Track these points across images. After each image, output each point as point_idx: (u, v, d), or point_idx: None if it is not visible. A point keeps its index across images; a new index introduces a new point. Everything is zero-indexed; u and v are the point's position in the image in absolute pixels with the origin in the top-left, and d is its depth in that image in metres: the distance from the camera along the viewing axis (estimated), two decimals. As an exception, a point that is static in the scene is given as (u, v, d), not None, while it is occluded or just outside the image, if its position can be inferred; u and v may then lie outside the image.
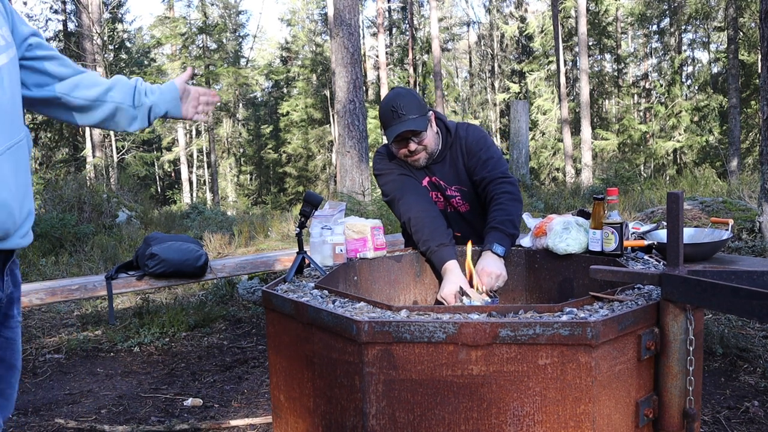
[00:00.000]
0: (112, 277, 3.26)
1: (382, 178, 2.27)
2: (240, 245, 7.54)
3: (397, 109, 2.07)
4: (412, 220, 2.10)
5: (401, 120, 2.07)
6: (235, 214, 13.57)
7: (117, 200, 9.45)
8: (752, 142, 19.95)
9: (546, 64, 24.29)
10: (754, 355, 2.98)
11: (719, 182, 9.32)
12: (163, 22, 25.43)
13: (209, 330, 4.21)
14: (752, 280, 1.18)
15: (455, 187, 2.25)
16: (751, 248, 4.77)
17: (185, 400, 2.94)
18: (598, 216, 1.84)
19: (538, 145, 23.42)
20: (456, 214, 2.29)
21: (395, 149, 2.18)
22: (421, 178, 2.25)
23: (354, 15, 9.61)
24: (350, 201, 8.07)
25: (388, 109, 2.09)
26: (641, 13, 21.46)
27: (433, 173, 2.25)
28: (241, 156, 30.66)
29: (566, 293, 1.93)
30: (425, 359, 1.17)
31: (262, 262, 3.87)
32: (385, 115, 2.11)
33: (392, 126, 2.09)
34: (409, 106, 2.08)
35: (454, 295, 1.90)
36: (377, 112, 2.19)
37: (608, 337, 1.14)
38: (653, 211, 6.21)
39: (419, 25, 27.62)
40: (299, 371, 1.41)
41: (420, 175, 2.26)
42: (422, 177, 2.26)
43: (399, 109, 2.07)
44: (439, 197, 2.28)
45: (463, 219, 2.29)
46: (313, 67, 27.76)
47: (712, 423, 2.40)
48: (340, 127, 9.82)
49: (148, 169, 25.11)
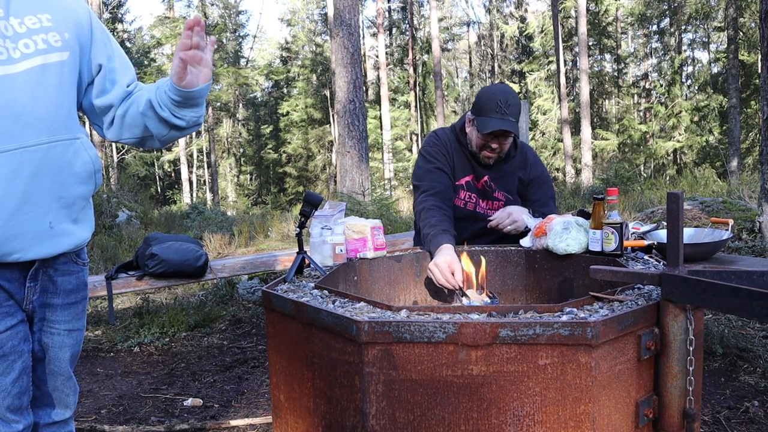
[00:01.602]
0: (112, 277, 3.26)
1: (423, 162, 2.28)
2: (240, 245, 7.54)
3: (504, 105, 2.08)
4: (425, 211, 2.11)
5: (506, 117, 2.09)
6: (235, 214, 13.57)
7: (117, 200, 9.46)
8: (752, 142, 19.94)
9: (546, 64, 24.29)
10: (754, 355, 2.98)
11: (719, 182, 9.32)
12: (163, 22, 25.43)
13: (209, 330, 4.21)
14: (752, 280, 1.18)
15: (503, 194, 2.29)
16: (751, 248, 4.77)
17: (185, 400, 2.94)
18: (598, 216, 1.84)
19: (538, 145, 23.42)
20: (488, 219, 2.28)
21: (478, 139, 2.17)
22: (463, 175, 2.26)
23: (354, 15, 9.61)
24: (350, 201, 8.07)
25: (496, 101, 2.09)
26: (641, 13, 21.45)
27: (484, 174, 2.27)
28: (241, 156, 30.66)
29: (566, 293, 1.93)
30: (425, 359, 1.17)
31: (262, 262, 3.87)
32: (490, 104, 2.10)
33: (494, 119, 2.09)
34: (515, 108, 2.11)
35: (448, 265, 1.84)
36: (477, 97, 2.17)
37: (608, 337, 1.14)
38: (653, 211, 6.21)
39: (419, 25, 27.62)
40: (299, 371, 1.41)
41: (465, 170, 2.26)
42: (466, 174, 2.26)
43: (507, 106, 2.09)
44: (472, 198, 2.28)
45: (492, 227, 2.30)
46: (313, 67, 27.75)
47: (712, 423, 2.40)
48: (340, 127, 9.82)
49: (148, 169, 25.13)
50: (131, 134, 1.41)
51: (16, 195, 1.18)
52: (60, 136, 1.24)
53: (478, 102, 2.17)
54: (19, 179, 1.18)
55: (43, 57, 1.23)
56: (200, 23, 1.28)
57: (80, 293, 1.41)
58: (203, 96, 1.36)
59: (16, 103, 1.18)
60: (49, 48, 1.24)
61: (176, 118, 1.35)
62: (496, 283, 2.09)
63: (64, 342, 1.39)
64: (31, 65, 1.21)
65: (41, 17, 1.26)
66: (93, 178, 1.33)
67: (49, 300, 1.34)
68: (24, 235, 1.22)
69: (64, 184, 1.26)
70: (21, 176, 1.18)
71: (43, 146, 1.21)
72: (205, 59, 1.31)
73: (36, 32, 1.24)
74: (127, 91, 1.40)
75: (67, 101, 1.28)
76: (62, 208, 1.27)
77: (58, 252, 1.29)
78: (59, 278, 1.35)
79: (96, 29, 1.37)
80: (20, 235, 1.21)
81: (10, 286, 1.27)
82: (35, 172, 1.20)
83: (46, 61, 1.23)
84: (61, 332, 1.38)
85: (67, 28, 1.29)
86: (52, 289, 1.34)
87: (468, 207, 2.27)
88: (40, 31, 1.24)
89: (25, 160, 1.19)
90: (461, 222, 2.26)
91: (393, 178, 20.96)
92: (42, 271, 1.31)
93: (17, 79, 1.19)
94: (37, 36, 1.24)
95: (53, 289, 1.34)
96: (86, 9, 1.37)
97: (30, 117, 1.20)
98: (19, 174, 1.18)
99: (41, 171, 1.21)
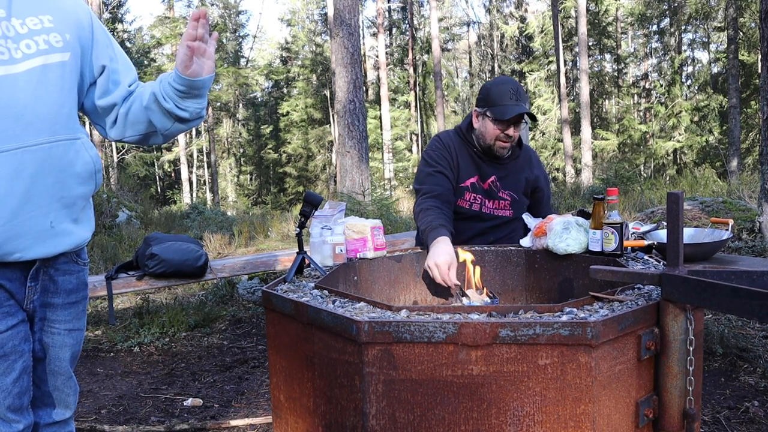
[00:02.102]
0: (112, 277, 3.26)
1: (424, 165, 2.29)
2: (240, 245, 7.54)
3: (516, 93, 2.13)
4: (423, 211, 2.12)
5: (519, 102, 2.13)
6: (235, 214, 13.57)
7: (117, 200, 9.46)
8: (752, 142, 19.93)
9: (546, 64, 24.28)
10: (754, 355, 2.98)
11: (719, 182, 9.32)
12: (163, 22, 25.42)
13: (209, 330, 4.21)
14: (752, 280, 1.19)
15: (508, 192, 2.30)
16: (751, 248, 4.77)
17: (185, 400, 2.95)
18: (598, 216, 1.84)
19: (538, 145, 23.42)
20: (493, 218, 2.30)
21: (494, 129, 2.18)
22: (469, 176, 2.27)
23: (354, 15, 9.61)
24: (350, 201, 8.07)
25: (507, 89, 2.13)
26: (641, 13, 21.45)
27: (490, 174, 2.28)
28: (241, 156, 30.66)
29: (566, 293, 1.93)
30: (425, 359, 1.17)
31: (262, 262, 3.87)
32: (502, 93, 2.14)
33: (509, 105, 2.12)
34: (525, 95, 2.17)
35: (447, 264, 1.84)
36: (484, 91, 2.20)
37: (608, 337, 1.14)
38: (653, 211, 6.22)
39: (419, 25, 27.61)
40: (299, 371, 1.41)
41: (470, 171, 2.27)
42: (471, 175, 2.27)
43: (518, 93, 2.13)
44: (477, 198, 2.29)
45: (499, 225, 2.31)
46: (313, 67, 27.75)
47: (712, 423, 2.40)
48: (340, 127, 9.82)
49: (148, 169, 25.12)
50: (135, 131, 1.42)
51: (18, 195, 1.19)
52: (61, 136, 1.25)
53: (486, 94, 2.19)
54: (21, 179, 1.19)
55: (44, 57, 1.24)
56: (206, 15, 1.30)
57: (80, 293, 1.42)
58: (206, 87, 1.38)
59: (17, 102, 1.18)
60: (51, 48, 1.25)
61: (180, 109, 1.37)
62: (496, 283, 2.09)
63: (64, 342, 1.39)
64: (33, 65, 1.22)
65: (42, 18, 1.27)
66: (93, 178, 1.34)
67: (49, 300, 1.35)
68: (25, 234, 1.22)
69: (65, 184, 1.26)
70: (22, 176, 1.19)
71: (45, 146, 1.21)
72: (209, 51, 1.34)
73: (37, 33, 1.25)
74: (129, 91, 1.42)
75: (68, 101, 1.29)
76: (63, 208, 1.27)
77: (59, 251, 1.30)
78: (60, 278, 1.35)
79: (97, 30, 1.38)
80: (22, 235, 1.21)
81: (11, 285, 1.27)
82: (37, 172, 1.21)
83: (48, 61, 1.24)
84: (61, 332, 1.38)
85: (68, 29, 1.30)
86: (52, 289, 1.35)
87: (474, 208, 2.28)
88: (41, 32, 1.25)
89: (27, 160, 1.19)
90: (466, 221, 2.27)
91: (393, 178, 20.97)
92: (43, 271, 1.31)
93: (19, 79, 1.20)
94: (39, 36, 1.24)
95: (53, 289, 1.35)
96: (87, 10, 1.38)
97: (31, 117, 1.20)
98: (21, 174, 1.19)
99: (43, 171, 1.22)
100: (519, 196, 2.32)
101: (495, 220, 2.30)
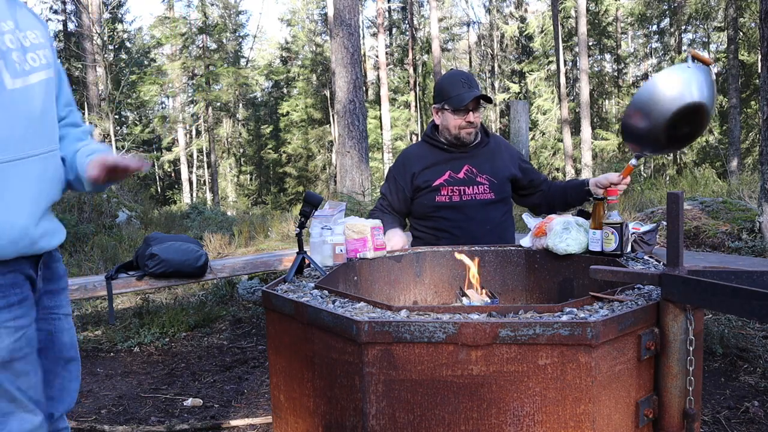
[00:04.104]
0: (112, 277, 3.26)
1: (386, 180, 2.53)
2: (240, 245, 7.55)
3: (467, 81, 2.25)
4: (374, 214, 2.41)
5: (473, 89, 2.24)
6: (235, 214, 13.57)
7: (117, 200, 9.46)
8: (752, 142, 19.94)
9: (546, 64, 24.29)
10: (754, 355, 2.98)
11: (719, 182, 9.32)
12: (163, 23, 25.44)
13: (209, 330, 4.21)
14: (752, 280, 1.18)
15: (485, 177, 2.38)
16: (751, 248, 4.77)
17: (185, 400, 2.95)
18: (598, 216, 1.84)
19: (538, 145, 23.42)
20: (475, 203, 2.37)
21: (454, 118, 2.30)
22: (441, 175, 2.36)
23: (354, 15, 9.61)
24: (350, 201, 8.07)
25: (458, 80, 2.25)
26: (641, 13, 21.46)
27: (463, 165, 2.37)
28: (241, 156, 30.65)
29: (566, 293, 1.93)
30: (425, 359, 1.17)
31: (262, 262, 3.87)
32: (453, 84, 2.25)
33: (463, 93, 2.23)
34: (476, 82, 2.28)
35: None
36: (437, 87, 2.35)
37: (608, 338, 1.14)
38: (653, 211, 6.22)
39: (419, 25, 27.62)
40: (299, 371, 1.41)
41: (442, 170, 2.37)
42: (443, 172, 2.36)
43: (469, 81, 2.25)
44: (454, 191, 2.37)
45: (482, 208, 2.38)
46: (313, 67, 27.75)
47: (712, 423, 2.40)
48: (340, 127, 9.82)
49: (148, 169, 25.11)
50: None
51: (44, 194, 1.30)
52: (56, 146, 1.36)
53: (440, 89, 2.33)
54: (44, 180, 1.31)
55: (45, 72, 1.32)
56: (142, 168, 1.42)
57: (65, 279, 1.51)
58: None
59: (35, 112, 1.28)
60: (47, 63, 1.33)
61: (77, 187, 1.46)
62: (496, 283, 2.09)
63: (63, 326, 1.45)
64: (39, 78, 1.30)
65: (36, 33, 1.34)
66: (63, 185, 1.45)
67: (49, 287, 1.41)
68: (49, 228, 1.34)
69: (57, 188, 1.38)
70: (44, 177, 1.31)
71: (50, 153, 1.33)
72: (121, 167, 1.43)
73: (37, 47, 1.32)
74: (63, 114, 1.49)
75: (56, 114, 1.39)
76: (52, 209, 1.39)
77: (61, 242, 1.41)
78: (53, 265, 1.43)
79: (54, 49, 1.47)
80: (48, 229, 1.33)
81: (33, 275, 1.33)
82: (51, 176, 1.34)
83: (48, 75, 1.33)
84: (60, 317, 1.44)
85: (50, 46, 1.37)
86: (49, 276, 1.42)
87: (454, 199, 2.36)
88: (38, 47, 1.32)
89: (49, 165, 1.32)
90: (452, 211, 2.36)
91: (393, 178, 20.91)
92: (44, 261, 1.38)
93: (34, 89, 1.28)
94: (39, 51, 1.32)
95: (49, 276, 1.42)
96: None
97: (42, 126, 1.30)
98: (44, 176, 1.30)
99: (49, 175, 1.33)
100: (498, 179, 2.39)
101: (479, 205, 2.37)
